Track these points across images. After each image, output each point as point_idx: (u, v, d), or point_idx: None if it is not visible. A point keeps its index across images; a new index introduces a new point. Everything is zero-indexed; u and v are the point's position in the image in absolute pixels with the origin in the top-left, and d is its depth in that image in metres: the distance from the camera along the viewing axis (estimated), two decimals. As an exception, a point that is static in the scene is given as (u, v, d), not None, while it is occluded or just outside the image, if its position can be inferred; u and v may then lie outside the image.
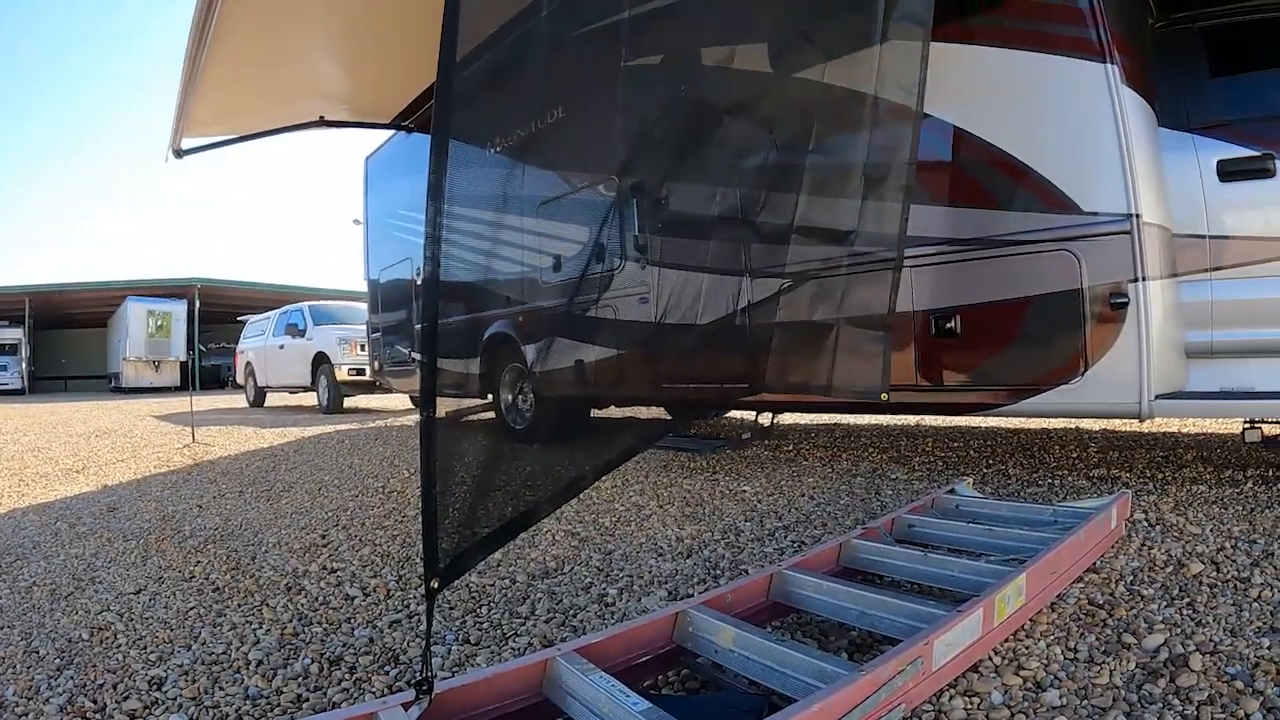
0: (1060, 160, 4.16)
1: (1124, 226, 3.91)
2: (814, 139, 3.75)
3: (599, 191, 4.66)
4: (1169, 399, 3.99)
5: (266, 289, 34.19)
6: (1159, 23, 4.45)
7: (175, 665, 2.71)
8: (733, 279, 3.91)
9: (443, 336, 2.02)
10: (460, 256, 2.24)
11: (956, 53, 4.53)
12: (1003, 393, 4.38)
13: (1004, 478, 4.93)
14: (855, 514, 4.23)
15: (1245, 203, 4.00)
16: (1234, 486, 4.20)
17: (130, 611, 3.33)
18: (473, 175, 2.12)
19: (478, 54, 2.13)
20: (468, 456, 2.09)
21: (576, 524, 4.37)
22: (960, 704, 2.07)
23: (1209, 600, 2.68)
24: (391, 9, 6.16)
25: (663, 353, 3.44)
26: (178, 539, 4.59)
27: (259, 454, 8.66)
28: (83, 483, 7.13)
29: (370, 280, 11.46)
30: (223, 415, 15.31)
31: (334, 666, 2.63)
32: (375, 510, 5.08)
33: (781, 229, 3.78)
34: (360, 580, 3.58)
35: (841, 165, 3.68)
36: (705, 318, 3.61)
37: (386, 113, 8.78)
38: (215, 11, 5.39)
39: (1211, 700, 2.03)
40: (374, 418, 13.12)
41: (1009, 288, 4.30)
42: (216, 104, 6.98)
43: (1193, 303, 4.07)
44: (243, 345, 19.93)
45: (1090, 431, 6.79)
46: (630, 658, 2.22)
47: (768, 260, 3.99)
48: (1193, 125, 4.16)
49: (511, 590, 3.31)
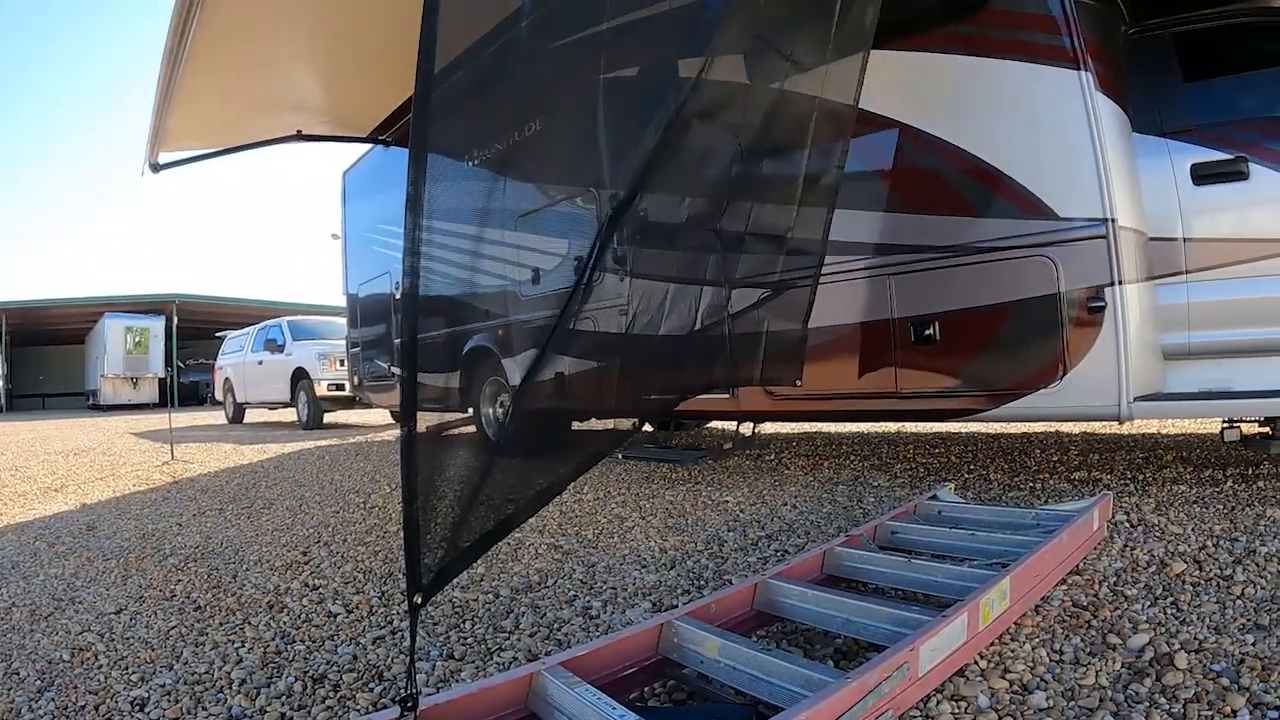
0: (1036, 167, 4.19)
1: (1100, 231, 3.94)
2: (784, 148, 3.77)
3: (577, 204, 4.66)
4: (1148, 401, 4.01)
5: (245, 304, 33.96)
6: (1132, 29, 4.49)
7: (157, 685, 2.68)
8: (710, 288, 3.91)
9: (422, 351, 2.01)
10: (439, 270, 2.23)
11: (932, 62, 4.56)
12: (983, 398, 4.39)
13: (985, 482, 4.94)
14: (838, 522, 4.23)
15: (1219, 206, 4.04)
16: (1214, 485, 4.23)
17: (111, 631, 3.30)
18: (451, 188, 2.12)
19: (455, 67, 2.13)
20: (449, 471, 2.08)
21: (559, 537, 4.36)
22: (947, 708, 2.07)
23: (1192, 599, 2.70)
24: (368, 23, 6.14)
25: (642, 363, 3.44)
26: (158, 557, 4.55)
27: (239, 471, 8.60)
28: (61, 501, 7.05)
29: (349, 295, 11.39)
30: (202, 432, 15.21)
31: (318, 684, 2.61)
32: (357, 526, 5.05)
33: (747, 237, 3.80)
34: (343, 597, 3.55)
35: (809, 174, 3.69)
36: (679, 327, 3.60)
37: (364, 126, 8.75)
38: (191, 27, 5.36)
39: (1198, 698, 2.04)
40: (354, 433, 13.06)
41: (987, 294, 4.32)
42: (193, 118, 6.95)
43: (1169, 305, 4.10)
44: (221, 361, 19.81)
45: (1070, 435, 6.83)
46: (616, 670, 2.21)
47: (746, 269, 4.00)
48: (1166, 130, 4.20)
49: (495, 604, 3.29)
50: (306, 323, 16.84)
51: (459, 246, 2.34)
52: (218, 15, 5.38)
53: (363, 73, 7.15)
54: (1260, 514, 3.58)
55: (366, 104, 8.11)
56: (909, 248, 4.58)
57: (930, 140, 4.51)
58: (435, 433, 2.07)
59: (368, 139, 9.09)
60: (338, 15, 6.15)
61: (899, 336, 4.65)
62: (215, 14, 5.34)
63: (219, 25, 5.52)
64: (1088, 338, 4.00)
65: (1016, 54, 4.25)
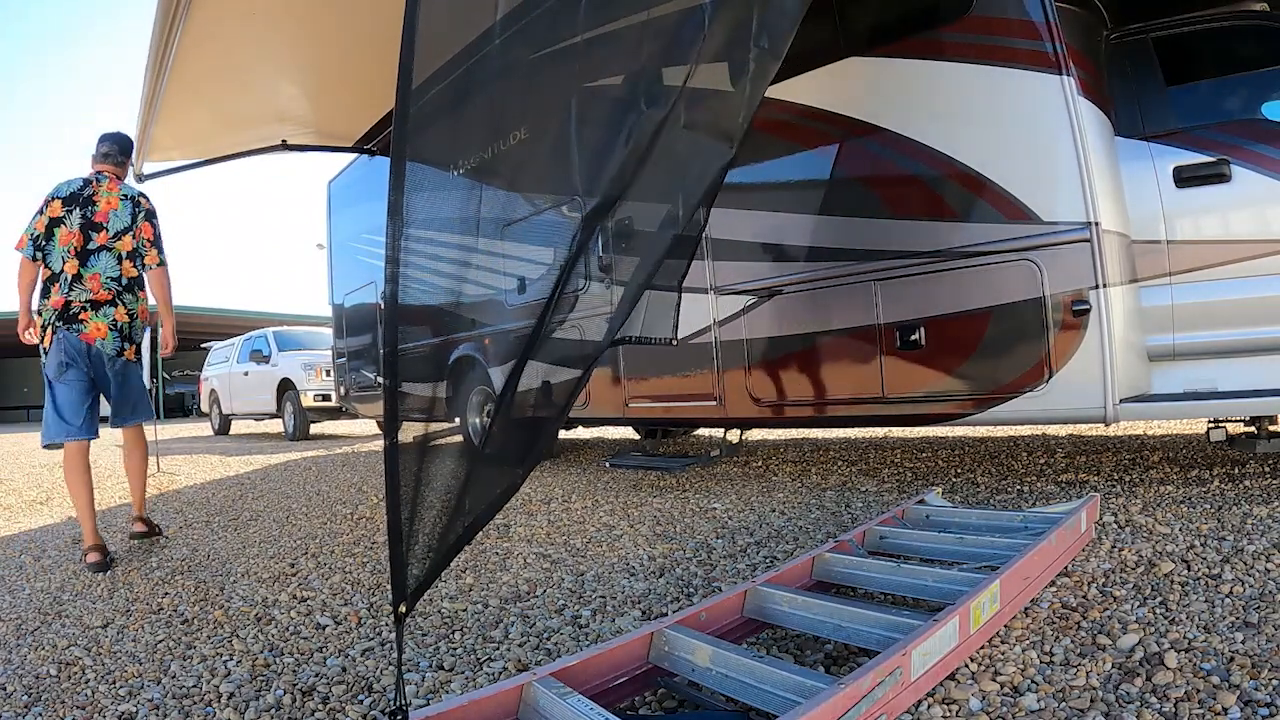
0: (1020, 172, 4.20)
1: (1084, 235, 3.96)
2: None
3: (562, 213, 4.65)
4: (1134, 402, 4.03)
5: (230, 315, 33.76)
6: (1113, 34, 4.52)
7: (145, 700, 2.65)
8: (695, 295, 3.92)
9: (407, 360, 2.01)
10: (423, 279, 2.23)
11: (916, 68, 4.58)
12: (969, 402, 4.40)
13: (973, 486, 4.96)
14: (826, 527, 4.23)
15: (1202, 207, 4.07)
16: (1201, 485, 4.25)
17: (98, 645, 3.27)
18: (434, 198, 2.12)
19: (437, 78, 2.12)
20: (435, 481, 2.07)
21: (548, 546, 4.35)
22: (939, 712, 2.07)
23: (1181, 598, 2.71)
24: (352, 33, 6.14)
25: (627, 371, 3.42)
26: (145, 570, 4.52)
27: (225, 482, 8.56)
28: (47, 514, 7.00)
29: (335, 305, 11.36)
30: (188, 444, 15.13)
31: (307, 697, 2.59)
32: (344, 537, 5.03)
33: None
34: (331, 609, 3.53)
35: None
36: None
37: (349, 136, 8.73)
38: (175, 38, 5.34)
39: (1189, 696, 2.04)
40: (341, 444, 13.01)
41: (972, 298, 4.33)
42: (178, 129, 6.94)
43: (1154, 307, 4.12)
44: (207, 372, 19.73)
45: (1057, 437, 6.85)
46: (606, 679, 2.20)
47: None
48: (1148, 133, 4.23)
49: (484, 615, 3.28)
50: (292, 333, 16.79)
51: (442, 255, 2.33)
52: (201, 27, 5.36)
53: (347, 83, 7.15)
54: (1247, 513, 3.60)
55: (351, 114, 8.10)
56: (894, 253, 4.59)
57: (914, 146, 4.53)
58: (420, 443, 2.06)
59: (352, 149, 9.07)
60: (322, 27, 6.14)
61: (885, 341, 4.66)
62: (199, 25, 5.33)
63: (203, 36, 5.51)
64: (1073, 341, 4.02)
65: (999, 59, 4.26)
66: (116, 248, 4.88)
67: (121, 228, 4.90)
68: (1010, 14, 4.24)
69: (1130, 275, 4.12)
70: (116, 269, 4.88)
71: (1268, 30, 4.29)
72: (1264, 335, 3.90)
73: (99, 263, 4.83)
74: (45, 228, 4.77)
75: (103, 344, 4.82)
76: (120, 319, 4.88)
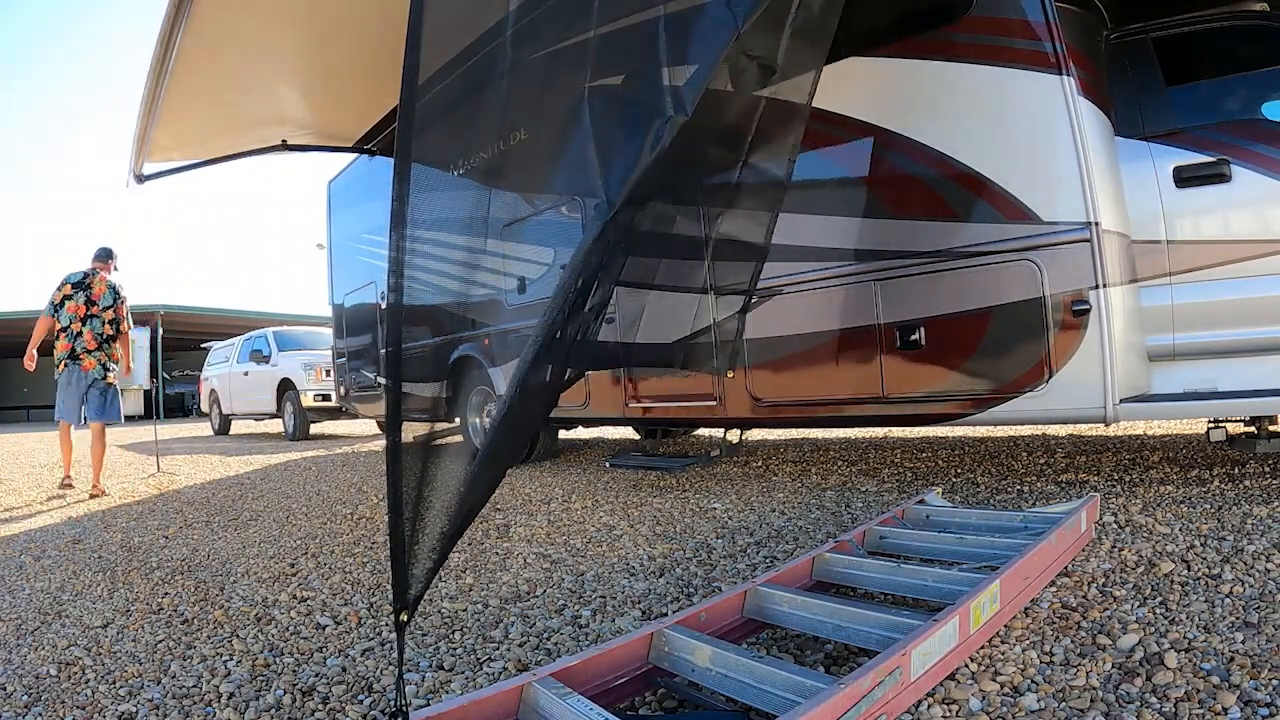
0: (1020, 172, 4.20)
1: (1084, 235, 3.95)
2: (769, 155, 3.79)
3: (562, 213, 4.65)
4: (1134, 402, 4.03)
5: (230, 315, 33.72)
6: (1113, 34, 4.52)
7: (145, 700, 2.66)
8: (695, 295, 3.92)
9: (407, 360, 2.01)
10: (423, 279, 2.23)
11: (916, 69, 4.58)
12: (969, 402, 4.40)
13: (973, 486, 4.96)
14: (826, 527, 4.23)
15: (1202, 207, 4.07)
16: (1201, 485, 4.25)
17: (98, 645, 3.27)
18: (435, 198, 2.11)
19: (441, 77, 2.12)
20: (436, 481, 2.07)
21: (548, 546, 4.35)
22: (939, 712, 2.07)
23: (1181, 598, 2.71)
24: (354, 33, 6.14)
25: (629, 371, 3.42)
26: (145, 570, 4.52)
27: (225, 482, 8.56)
28: (47, 514, 6.99)
29: (335, 305, 11.36)
30: (188, 444, 15.13)
31: (307, 697, 2.59)
32: (344, 537, 5.03)
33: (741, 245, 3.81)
34: (331, 609, 3.53)
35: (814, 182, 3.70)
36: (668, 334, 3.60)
37: (349, 136, 8.73)
38: (176, 40, 5.35)
39: (1189, 696, 2.04)
40: (341, 444, 13.01)
41: (972, 298, 4.32)
42: (178, 130, 6.93)
43: (1154, 307, 4.12)
44: (207, 372, 19.74)
45: (1057, 437, 6.85)
46: (606, 680, 2.20)
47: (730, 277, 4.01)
48: (1148, 133, 4.23)
49: (484, 615, 3.28)
50: (292, 333, 16.79)
51: (444, 256, 2.33)
52: (203, 27, 5.38)
53: (347, 83, 7.14)
54: (1247, 513, 3.60)
55: (351, 114, 8.09)
56: (894, 253, 4.58)
57: (914, 146, 4.52)
58: (422, 443, 2.06)
59: (353, 149, 9.06)
60: (323, 27, 6.14)
61: (885, 341, 4.66)
62: (201, 26, 5.34)
63: (205, 37, 5.52)
64: (1073, 340, 4.02)
65: (999, 60, 4.26)
66: (103, 316, 8.03)
67: (107, 304, 8.04)
68: (1010, 14, 4.24)
69: (1130, 275, 4.12)
70: (102, 330, 8.03)
71: (1268, 30, 4.29)
72: (1264, 335, 3.90)
73: (92, 325, 7.97)
74: (60, 300, 7.93)
75: (93, 372, 7.96)
76: (103, 359, 8.04)
